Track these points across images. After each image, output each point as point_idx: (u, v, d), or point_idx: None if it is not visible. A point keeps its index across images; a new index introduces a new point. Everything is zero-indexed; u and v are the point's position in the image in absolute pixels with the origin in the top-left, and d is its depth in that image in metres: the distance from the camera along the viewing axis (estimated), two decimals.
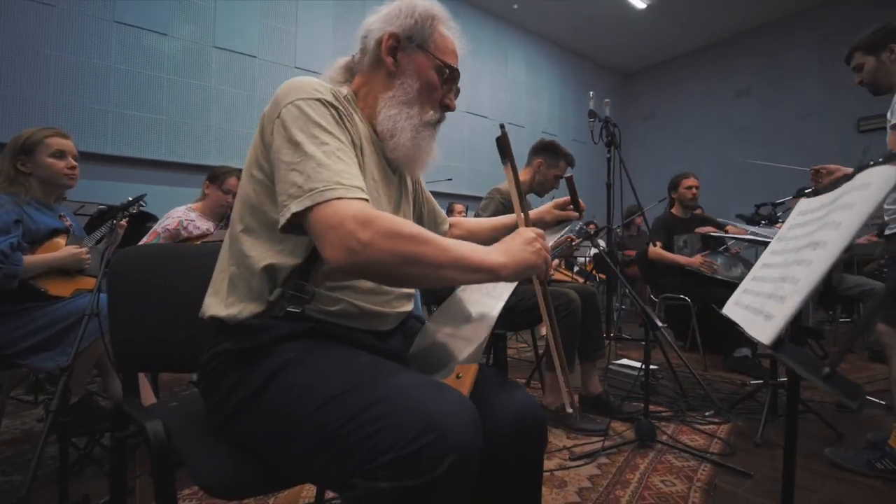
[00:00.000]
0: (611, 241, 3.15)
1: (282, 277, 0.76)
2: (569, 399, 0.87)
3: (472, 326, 0.85)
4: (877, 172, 0.53)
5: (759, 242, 2.23)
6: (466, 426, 0.59)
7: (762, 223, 2.74)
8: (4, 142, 1.70)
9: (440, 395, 0.62)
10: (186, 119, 4.39)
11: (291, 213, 0.67)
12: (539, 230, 0.80)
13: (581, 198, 1.15)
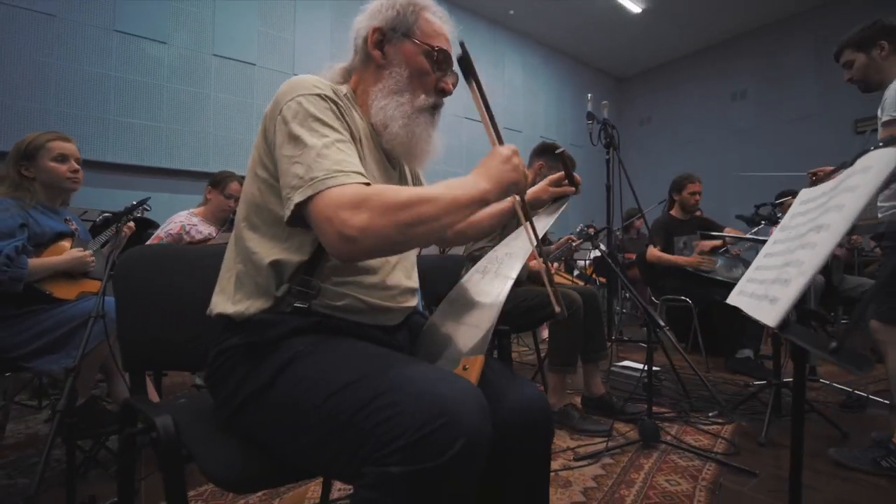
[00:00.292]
0: (611, 243, 3.16)
1: (288, 273, 0.77)
2: (554, 300, 0.90)
3: (479, 315, 0.85)
4: (877, 155, 0.54)
5: (760, 241, 2.24)
6: (476, 412, 0.59)
7: (762, 223, 2.74)
8: (6, 150, 1.72)
9: (449, 382, 0.62)
10: (186, 126, 4.41)
11: (294, 204, 0.68)
12: (514, 146, 0.81)
13: (580, 201, 1.14)
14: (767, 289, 0.63)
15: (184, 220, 2.38)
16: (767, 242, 0.84)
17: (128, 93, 4.11)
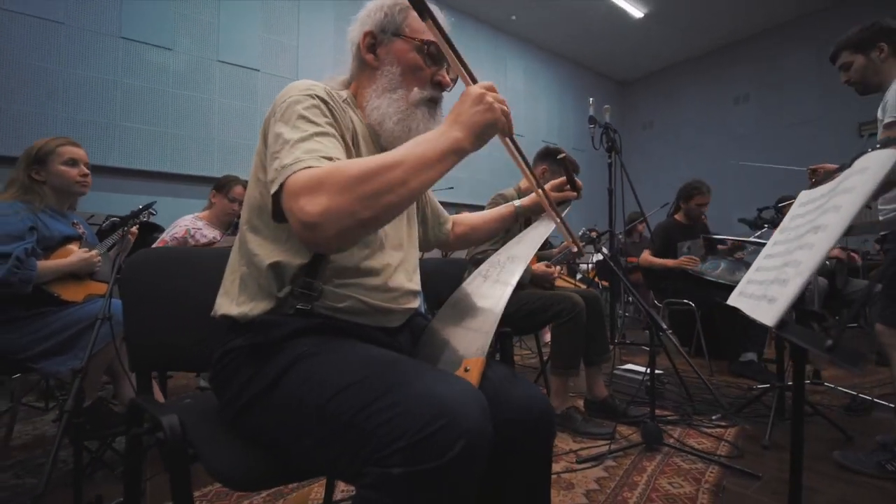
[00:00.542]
0: (613, 247, 3.16)
1: (289, 276, 0.78)
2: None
3: (480, 318, 0.86)
4: (874, 157, 0.55)
5: (761, 245, 2.24)
6: (476, 413, 0.59)
7: (765, 227, 2.74)
8: (15, 155, 1.74)
9: (450, 384, 0.63)
10: (190, 131, 4.46)
11: (271, 195, 0.69)
12: (488, 82, 0.75)
13: (583, 205, 1.15)
14: (767, 289, 0.64)
15: (189, 224, 2.41)
16: (767, 244, 0.84)
17: (133, 98, 4.15)
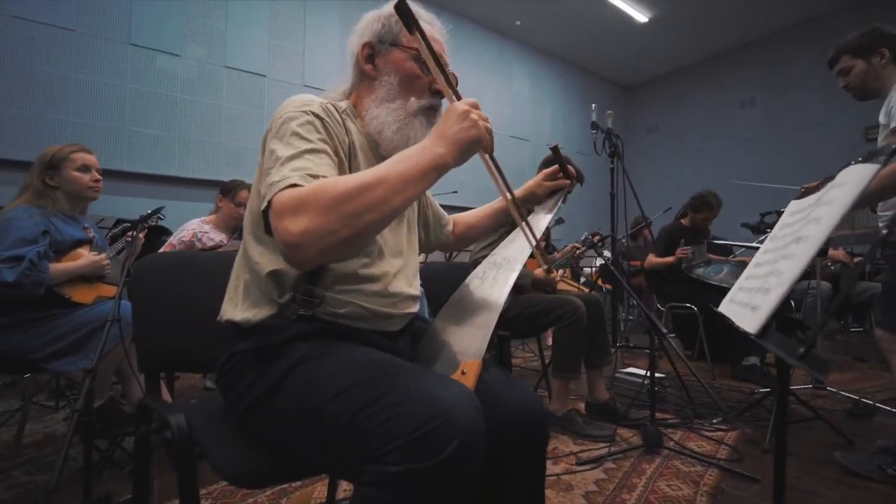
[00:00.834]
0: (615, 251, 3.18)
1: (289, 283, 0.80)
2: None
3: (477, 319, 0.87)
4: (854, 170, 0.57)
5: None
6: (470, 413, 0.62)
7: (768, 231, 2.75)
8: (27, 160, 1.79)
9: (446, 386, 0.66)
10: (199, 136, 4.51)
11: (261, 212, 0.71)
12: (472, 99, 0.76)
13: (586, 209, 1.16)
14: (752, 297, 0.66)
15: (196, 228, 2.45)
16: (758, 252, 0.86)
17: (143, 104, 4.22)
